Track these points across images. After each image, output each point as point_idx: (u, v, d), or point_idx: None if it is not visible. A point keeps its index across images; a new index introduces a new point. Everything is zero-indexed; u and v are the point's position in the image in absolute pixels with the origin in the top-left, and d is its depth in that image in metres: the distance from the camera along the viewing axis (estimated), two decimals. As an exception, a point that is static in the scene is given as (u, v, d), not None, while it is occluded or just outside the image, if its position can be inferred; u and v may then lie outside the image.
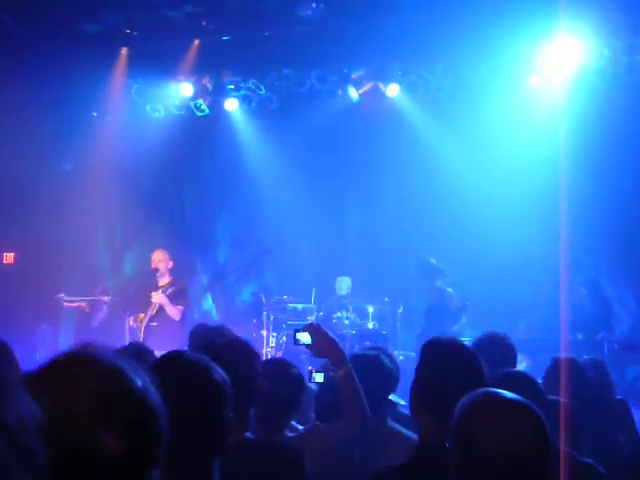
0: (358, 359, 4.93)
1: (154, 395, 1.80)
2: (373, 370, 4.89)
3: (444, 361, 3.47)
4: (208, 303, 14.64)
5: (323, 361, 4.77)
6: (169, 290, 10.45)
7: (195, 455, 2.60)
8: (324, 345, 4.49)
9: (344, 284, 13.14)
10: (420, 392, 3.44)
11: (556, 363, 5.52)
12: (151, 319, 10.48)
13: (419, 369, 3.53)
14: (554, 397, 4.62)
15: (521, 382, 4.04)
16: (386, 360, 5.15)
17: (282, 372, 4.36)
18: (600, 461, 4.18)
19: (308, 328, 4.60)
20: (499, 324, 11.19)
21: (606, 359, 9.42)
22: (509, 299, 12.37)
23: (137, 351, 4.83)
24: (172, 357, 2.78)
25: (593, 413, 5.37)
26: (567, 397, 4.84)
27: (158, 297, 10.43)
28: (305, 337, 4.55)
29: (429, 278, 12.02)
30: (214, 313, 14.63)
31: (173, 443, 2.59)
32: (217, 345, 3.74)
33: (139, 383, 1.78)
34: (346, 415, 4.40)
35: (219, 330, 5.22)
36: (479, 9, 11.40)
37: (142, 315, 10.66)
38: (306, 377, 4.69)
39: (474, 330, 11.05)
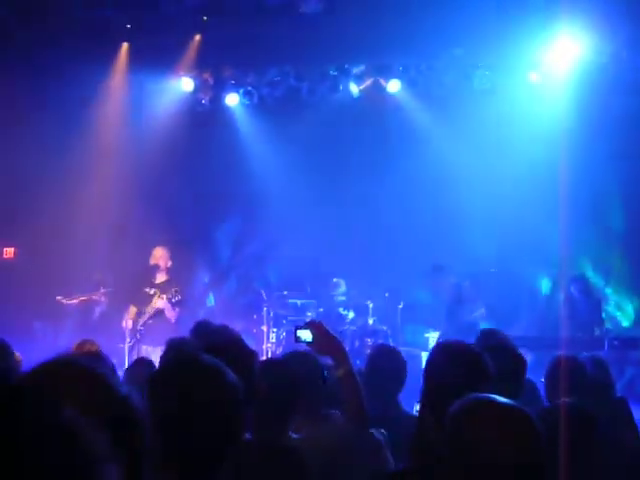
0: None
1: (136, 402, 1.85)
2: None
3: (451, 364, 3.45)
4: (210, 300, 14.62)
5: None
6: (175, 298, 10.50)
7: (211, 453, 2.60)
8: (325, 343, 4.43)
9: (340, 285, 13.15)
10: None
11: (557, 362, 5.50)
12: (149, 318, 10.57)
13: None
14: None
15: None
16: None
17: (280, 372, 4.22)
18: (603, 460, 4.16)
19: (309, 325, 4.54)
20: (501, 320, 11.26)
21: (606, 355, 9.41)
22: (510, 296, 12.34)
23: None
24: (186, 361, 2.78)
25: (594, 412, 5.36)
26: (568, 396, 4.83)
27: (162, 303, 10.49)
28: (306, 334, 4.47)
29: (443, 278, 11.98)
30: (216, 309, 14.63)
31: (191, 442, 2.60)
32: (216, 346, 3.71)
33: (123, 390, 1.82)
34: (345, 414, 4.37)
35: (220, 330, 5.19)
36: (480, 5, 11.39)
37: (134, 309, 10.72)
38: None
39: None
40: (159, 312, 10.57)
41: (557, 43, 12.10)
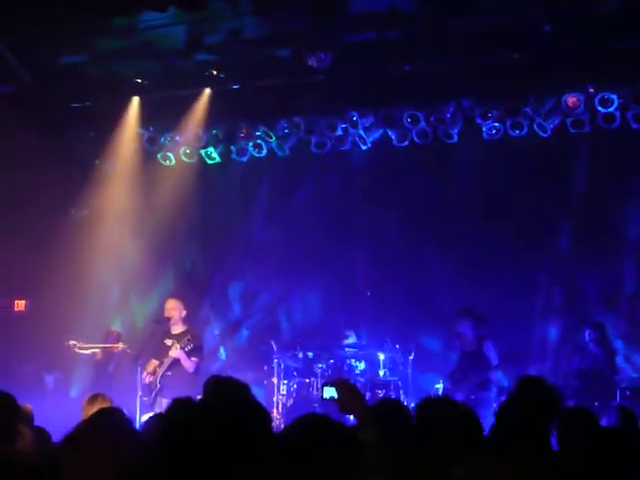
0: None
1: None
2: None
3: None
4: (222, 354, 14.63)
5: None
6: (188, 347, 10.49)
7: None
8: (349, 401, 4.37)
9: (350, 336, 13.09)
10: None
11: (568, 413, 5.49)
12: (167, 369, 10.54)
13: None
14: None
15: None
16: None
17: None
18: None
19: (336, 383, 4.49)
20: (509, 372, 11.24)
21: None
22: (519, 346, 12.28)
23: None
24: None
25: (610, 462, 5.33)
26: (578, 447, 4.82)
27: (176, 352, 10.47)
28: (332, 392, 4.42)
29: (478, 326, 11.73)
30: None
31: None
32: (230, 405, 3.69)
33: None
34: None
35: (233, 385, 5.18)
36: (488, 57, 11.54)
37: (155, 362, 10.67)
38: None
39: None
40: (176, 362, 10.55)
41: (565, 94, 12.15)
